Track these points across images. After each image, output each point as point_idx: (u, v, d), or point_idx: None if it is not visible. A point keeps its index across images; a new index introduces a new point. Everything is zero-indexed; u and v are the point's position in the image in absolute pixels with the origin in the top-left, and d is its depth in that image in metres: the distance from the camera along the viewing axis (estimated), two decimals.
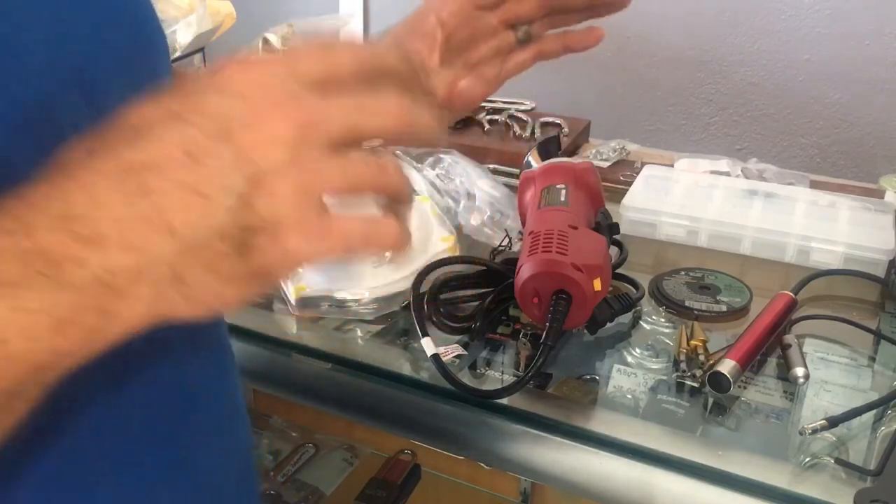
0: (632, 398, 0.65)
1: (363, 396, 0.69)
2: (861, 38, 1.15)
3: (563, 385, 0.66)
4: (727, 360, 0.64)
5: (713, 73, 1.24)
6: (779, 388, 0.66)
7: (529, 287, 0.64)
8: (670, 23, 1.25)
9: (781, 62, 1.20)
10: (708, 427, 0.63)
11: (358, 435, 1.33)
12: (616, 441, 0.60)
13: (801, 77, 1.20)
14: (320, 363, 0.70)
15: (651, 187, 0.94)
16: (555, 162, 0.79)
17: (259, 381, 0.76)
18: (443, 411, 0.65)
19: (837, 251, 0.82)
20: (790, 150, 1.24)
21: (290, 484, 1.34)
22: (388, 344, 0.72)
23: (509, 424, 0.63)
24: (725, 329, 0.73)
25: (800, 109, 1.22)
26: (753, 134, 1.25)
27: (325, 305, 0.74)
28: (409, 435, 0.73)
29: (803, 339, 0.71)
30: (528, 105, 1.13)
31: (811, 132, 1.22)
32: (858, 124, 1.19)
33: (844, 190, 0.97)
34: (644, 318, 0.74)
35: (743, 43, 1.21)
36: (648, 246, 0.88)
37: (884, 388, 0.66)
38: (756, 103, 1.23)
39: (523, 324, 0.71)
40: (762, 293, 0.76)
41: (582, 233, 0.68)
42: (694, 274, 0.80)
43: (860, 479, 0.56)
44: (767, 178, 0.98)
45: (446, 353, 0.67)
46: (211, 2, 1.24)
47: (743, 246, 0.86)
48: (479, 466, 1.13)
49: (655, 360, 0.69)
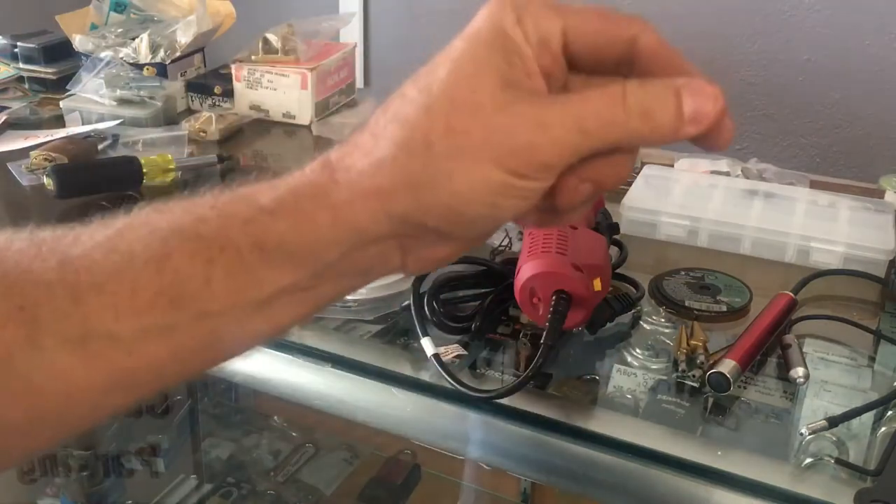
0: (632, 398, 0.65)
1: (363, 396, 0.69)
2: (861, 38, 1.15)
3: (563, 385, 0.66)
4: (727, 360, 0.64)
5: (713, 73, 1.24)
6: (779, 388, 0.66)
7: (529, 287, 0.64)
8: (670, 23, 1.25)
9: (781, 62, 1.20)
10: (708, 427, 0.62)
11: (358, 435, 1.33)
12: (616, 441, 0.60)
13: (801, 77, 1.20)
14: (320, 363, 0.70)
15: (651, 187, 0.94)
16: None
17: (259, 381, 0.76)
18: (443, 411, 0.65)
19: (837, 251, 0.82)
20: (790, 150, 1.24)
21: (290, 484, 1.35)
22: (388, 344, 0.72)
23: (509, 424, 0.63)
24: (725, 329, 0.73)
25: (800, 109, 1.22)
26: (753, 134, 1.25)
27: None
28: (409, 435, 0.73)
29: (803, 339, 0.71)
30: None
31: (811, 132, 1.22)
32: (858, 124, 1.19)
33: (844, 190, 0.97)
34: (644, 318, 0.74)
35: (743, 43, 1.21)
36: (648, 246, 0.87)
37: (884, 388, 0.65)
38: (756, 103, 1.23)
39: (523, 324, 0.71)
40: (762, 293, 0.76)
41: (582, 233, 0.68)
42: (694, 274, 0.80)
43: (860, 479, 0.56)
44: (767, 178, 0.98)
45: (446, 353, 0.67)
46: (211, 2, 1.24)
47: (743, 246, 0.86)
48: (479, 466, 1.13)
49: (655, 360, 0.69)
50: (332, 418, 0.72)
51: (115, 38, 1.20)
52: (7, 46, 1.23)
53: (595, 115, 0.32)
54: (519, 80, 0.33)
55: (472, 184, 0.32)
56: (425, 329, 0.67)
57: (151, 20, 1.25)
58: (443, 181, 0.32)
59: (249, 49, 1.15)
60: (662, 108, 0.33)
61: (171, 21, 1.23)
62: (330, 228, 0.33)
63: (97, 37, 1.20)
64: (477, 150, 0.32)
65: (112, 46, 1.18)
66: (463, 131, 0.32)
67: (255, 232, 0.33)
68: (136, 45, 1.17)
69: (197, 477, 1.37)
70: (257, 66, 1.13)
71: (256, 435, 1.45)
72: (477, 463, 0.67)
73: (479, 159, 0.32)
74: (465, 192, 0.32)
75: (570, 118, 0.32)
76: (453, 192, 0.32)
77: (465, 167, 0.32)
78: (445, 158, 0.32)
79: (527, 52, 0.33)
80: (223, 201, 0.34)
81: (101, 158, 1.01)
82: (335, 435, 1.39)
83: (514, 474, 1.14)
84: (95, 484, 1.21)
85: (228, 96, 1.16)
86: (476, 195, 0.32)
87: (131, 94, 1.12)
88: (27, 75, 1.23)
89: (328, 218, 0.33)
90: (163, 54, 1.18)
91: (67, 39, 1.21)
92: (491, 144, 0.32)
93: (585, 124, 0.32)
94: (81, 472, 1.17)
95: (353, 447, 1.38)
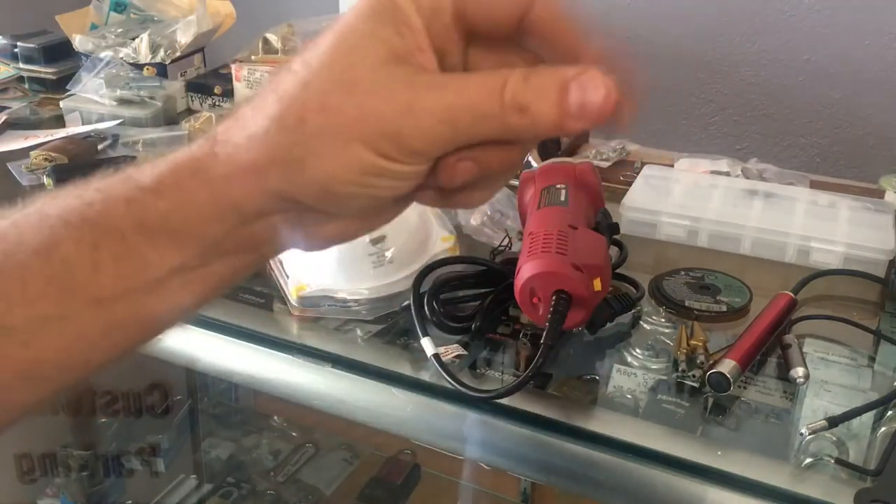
0: (632, 398, 0.65)
1: (363, 396, 0.69)
2: (861, 38, 1.15)
3: (563, 385, 0.66)
4: (727, 360, 0.64)
5: (713, 73, 1.24)
6: (779, 388, 0.66)
7: (529, 287, 0.64)
8: (670, 23, 1.25)
9: (781, 62, 1.20)
10: (708, 427, 0.62)
11: (358, 435, 1.33)
12: (616, 441, 0.60)
13: (801, 77, 1.20)
14: (320, 363, 0.70)
15: (651, 187, 0.94)
16: (555, 162, 0.79)
17: (259, 381, 0.76)
18: (443, 411, 0.65)
19: (837, 251, 0.82)
20: (790, 150, 1.24)
21: (290, 484, 1.35)
22: (388, 344, 0.72)
23: (509, 424, 0.63)
24: (725, 329, 0.73)
25: (800, 109, 1.22)
26: (753, 134, 1.25)
27: (325, 305, 0.74)
28: (409, 435, 0.73)
29: (803, 339, 0.71)
30: None
31: (811, 132, 1.22)
32: (858, 124, 1.19)
33: (844, 190, 0.97)
34: (644, 318, 0.74)
35: (743, 43, 1.21)
36: (648, 246, 0.87)
37: (884, 388, 0.65)
38: (756, 103, 1.23)
39: (523, 324, 0.71)
40: (762, 293, 0.76)
41: (582, 233, 0.68)
42: (694, 274, 0.80)
43: (860, 479, 0.56)
44: (767, 178, 0.98)
45: (446, 353, 0.67)
46: (211, 2, 1.24)
47: (743, 246, 0.86)
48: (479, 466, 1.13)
49: (655, 360, 0.69)
50: (332, 418, 0.72)
51: (115, 38, 1.20)
52: (7, 46, 1.23)
53: (469, 107, 0.31)
54: (409, 53, 0.31)
55: (342, 164, 0.31)
56: (425, 329, 0.67)
57: (151, 20, 1.25)
58: (313, 159, 0.31)
59: (249, 49, 1.15)
60: (543, 102, 0.31)
61: (171, 21, 1.23)
62: (210, 205, 0.33)
63: (97, 37, 1.20)
64: (348, 129, 0.31)
65: (112, 46, 1.18)
66: (336, 109, 0.31)
67: (136, 212, 0.32)
68: (136, 45, 1.18)
69: (197, 477, 1.37)
70: (257, 66, 1.13)
71: (256, 435, 1.45)
72: (477, 463, 0.67)
73: (350, 139, 0.31)
74: (335, 172, 0.31)
75: (441, 108, 0.31)
76: (324, 171, 0.31)
77: (335, 146, 0.31)
78: (316, 136, 0.31)
79: (417, 24, 0.31)
80: (108, 182, 0.33)
81: (101, 158, 1.01)
82: (335, 435, 1.39)
83: (514, 474, 1.14)
84: (95, 484, 1.21)
85: (228, 96, 1.16)
86: (347, 175, 0.32)
87: (131, 94, 1.12)
88: (27, 75, 1.23)
89: (207, 194, 0.33)
90: (163, 54, 1.18)
91: (67, 39, 1.21)
92: (361, 125, 0.31)
93: (457, 116, 0.31)
94: (81, 472, 1.17)
95: (353, 447, 1.38)
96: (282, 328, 0.75)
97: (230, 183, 0.32)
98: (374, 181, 0.32)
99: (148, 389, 0.98)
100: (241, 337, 0.73)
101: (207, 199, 0.33)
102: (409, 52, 0.31)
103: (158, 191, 0.33)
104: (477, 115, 0.31)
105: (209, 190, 0.33)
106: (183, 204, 0.33)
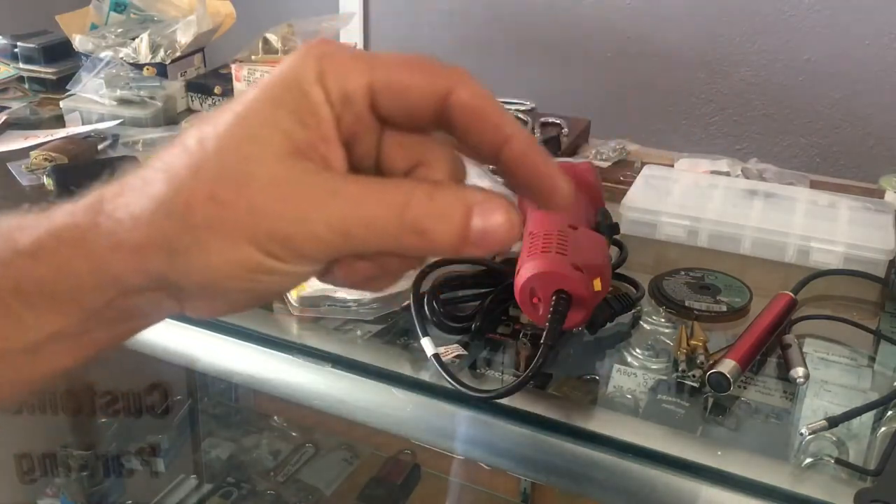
0: (632, 398, 0.65)
1: (363, 396, 0.69)
2: (861, 38, 1.15)
3: (563, 385, 0.66)
4: (727, 360, 0.64)
5: (713, 73, 1.24)
6: (779, 388, 0.66)
7: (529, 287, 0.64)
8: (670, 23, 1.25)
9: (781, 62, 1.20)
10: (708, 427, 0.63)
11: (358, 435, 1.33)
12: (616, 441, 0.60)
13: (801, 77, 1.20)
14: (320, 363, 0.70)
15: (651, 187, 0.94)
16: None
17: (259, 381, 0.76)
18: (443, 411, 0.65)
19: (837, 251, 0.82)
20: (790, 150, 1.24)
21: (290, 484, 1.35)
22: (388, 344, 0.72)
23: (509, 424, 0.63)
24: (725, 329, 0.73)
25: (800, 109, 1.22)
26: (753, 134, 1.25)
27: (325, 305, 0.74)
28: (409, 435, 0.73)
29: (803, 339, 0.71)
30: (528, 105, 1.13)
31: (811, 132, 1.22)
32: (858, 124, 1.19)
33: (844, 190, 0.97)
34: (644, 318, 0.74)
35: (743, 43, 1.21)
36: (648, 246, 0.87)
37: (884, 388, 0.65)
38: (756, 103, 1.23)
39: (523, 324, 0.71)
40: (762, 293, 0.76)
41: (582, 233, 0.68)
42: (694, 274, 0.80)
43: (860, 479, 0.56)
44: (767, 178, 0.98)
45: (446, 353, 0.67)
46: (211, 2, 1.24)
47: (743, 246, 0.86)
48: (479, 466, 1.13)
49: (655, 360, 0.69)
50: (332, 418, 0.72)
51: (115, 38, 1.20)
52: (7, 46, 1.23)
53: (365, 222, 0.30)
54: (311, 147, 0.30)
55: (228, 261, 0.30)
56: (425, 329, 0.67)
57: (151, 20, 1.25)
58: (198, 252, 0.30)
59: (249, 49, 1.15)
60: (444, 227, 0.30)
61: (171, 21, 1.23)
62: (90, 276, 0.31)
63: (97, 37, 1.20)
64: (236, 226, 0.29)
65: (112, 46, 1.18)
66: (226, 203, 0.29)
67: (14, 276, 0.31)
68: (136, 45, 1.18)
69: (197, 477, 1.37)
70: (257, 66, 1.13)
71: (256, 435, 1.45)
72: (477, 463, 0.67)
73: (237, 237, 0.29)
74: (220, 267, 0.30)
75: (336, 218, 0.30)
76: (208, 265, 0.30)
77: (222, 242, 0.30)
78: (203, 228, 0.30)
79: (325, 114, 0.30)
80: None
81: (101, 158, 1.01)
82: (335, 435, 1.39)
83: (514, 474, 1.14)
84: (95, 484, 1.21)
85: (228, 96, 1.16)
86: (231, 271, 0.30)
87: (131, 94, 1.13)
88: (27, 75, 1.23)
89: (87, 266, 0.31)
90: (163, 54, 1.18)
91: (67, 39, 1.22)
92: (251, 224, 0.29)
93: (352, 229, 0.30)
94: (81, 472, 1.17)
95: (353, 447, 1.38)
96: (282, 328, 0.75)
97: (112, 258, 0.31)
98: (262, 278, 0.31)
99: (148, 389, 0.98)
100: (241, 337, 0.73)
101: (88, 270, 0.31)
102: (311, 146, 0.30)
103: (36, 256, 0.31)
104: (372, 230, 0.30)
105: (90, 262, 0.31)
106: (62, 272, 0.31)
